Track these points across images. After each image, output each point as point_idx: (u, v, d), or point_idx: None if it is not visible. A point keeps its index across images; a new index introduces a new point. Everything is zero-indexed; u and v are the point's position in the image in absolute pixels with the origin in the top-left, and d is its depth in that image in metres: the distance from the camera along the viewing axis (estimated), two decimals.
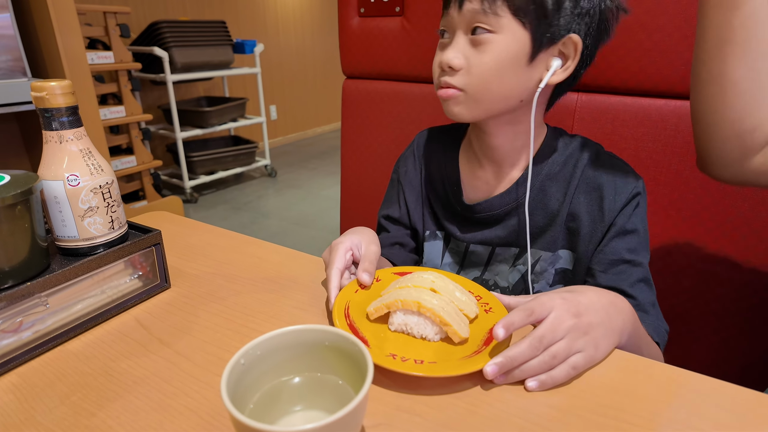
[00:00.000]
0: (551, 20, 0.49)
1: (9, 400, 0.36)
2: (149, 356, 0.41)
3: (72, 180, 0.42)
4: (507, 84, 0.51)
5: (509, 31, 0.49)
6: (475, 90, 0.51)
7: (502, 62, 0.50)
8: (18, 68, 1.39)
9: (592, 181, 0.57)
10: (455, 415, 0.34)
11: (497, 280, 0.63)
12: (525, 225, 0.57)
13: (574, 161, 0.58)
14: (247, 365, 0.29)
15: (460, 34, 0.51)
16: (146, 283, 0.49)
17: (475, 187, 0.62)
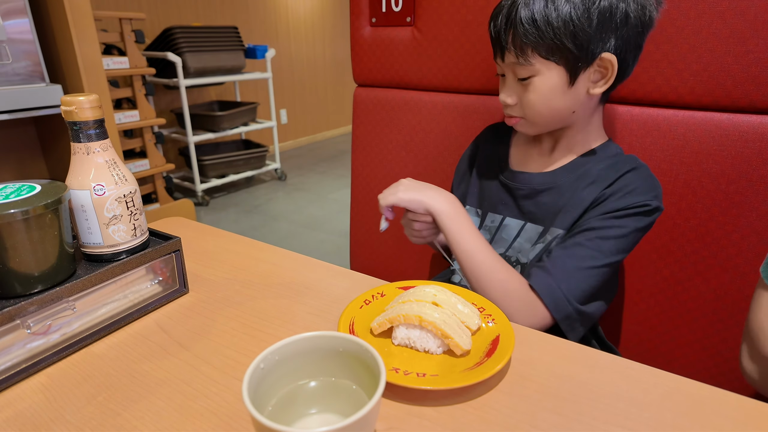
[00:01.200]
0: (578, 53, 0.57)
1: (39, 400, 0.38)
2: (170, 359, 0.42)
3: (98, 190, 0.45)
4: (555, 107, 0.61)
5: (546, 70, 0.58)
6: (531, 117, 0.63)
7: (546, 95, 0.60)
8: (36, 73, 1.43)
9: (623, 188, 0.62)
10: (465, 421, 0.35)
11: (519, 257, 0.70)
12: (556, 205, 0.65)
13: (617, 168, 0.64)
14: (266, 369, 0.31)
15: (509, 76, 0.63)
16: (166, 288, 0.51)
17: (524, 163, 0.72)
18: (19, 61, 1.39)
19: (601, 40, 0.56)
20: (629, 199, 0.61)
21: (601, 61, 0.58)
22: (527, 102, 0.61)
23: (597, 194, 0.64)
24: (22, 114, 1.39)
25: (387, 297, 0.48)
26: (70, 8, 1.46)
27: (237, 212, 2.80)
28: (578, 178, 0.66)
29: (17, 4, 1.33)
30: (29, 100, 1.41)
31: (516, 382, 0.39)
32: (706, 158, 0.72)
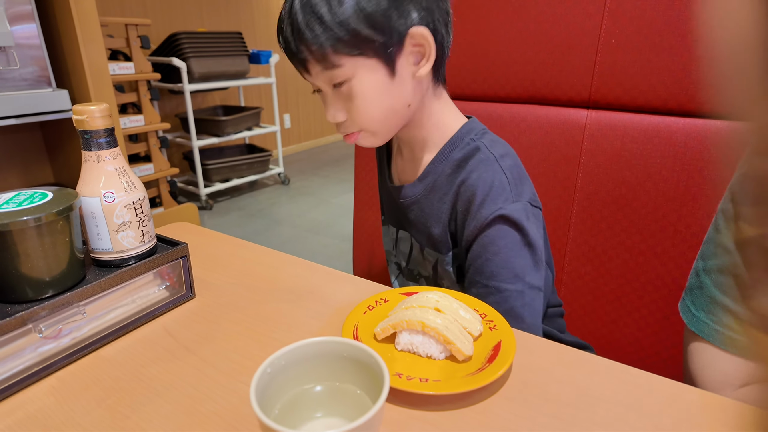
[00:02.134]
0: (384, 38, 0.50)
1: (50, 402, 0.39)
2: (177, 363, 0.43)
3: (108, 197, 0.46)
4: (387, 106, 0.54)
5: (359, 69, 0.51)
6: (367, 126, 0.55)
7: (371, 96, 0.52)
8: (43, 79, 1.45)
9: (469, 187, 0.55)
10: (467, 425, 0.36)
11: (419, 270, 0.67)
12: (419, 223, 0.61)
13: (464, 166, 0.57)
14: (272, 374, 0.32)
15: (326, 89, 0.55)
16: (173, 293, 0.52)
17: (400, 173, 0.67)
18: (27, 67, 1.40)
19: (401, 16, 0.50)
20: (480, 217, 0.54)
21: (411, 38, 0.51)
22: (356, 111, 0.53)
23: (449, 211, 0.58)
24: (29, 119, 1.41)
25: (390, 303, 0.49)
26: (77, 14, 1.47)
27: (240, 216, 2.82)
28: (430, 189, 0.60)
29: (25, 10, 1.34)
30: (36, 105, 1.43)
31: (517, 388, 0.40)
32: (706, 165, 0.73)
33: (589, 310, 0.87)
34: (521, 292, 0.54)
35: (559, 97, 0.84)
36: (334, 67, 0.51)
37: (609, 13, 0.76)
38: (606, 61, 0.78)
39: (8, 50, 1.35)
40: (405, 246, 0.68)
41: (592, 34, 0.78)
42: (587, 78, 0.80)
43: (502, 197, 0.54)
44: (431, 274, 0.65)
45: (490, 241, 0.54)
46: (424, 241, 0.63)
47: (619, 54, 0.76)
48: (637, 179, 0.79)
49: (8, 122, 1.33)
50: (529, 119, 0.87)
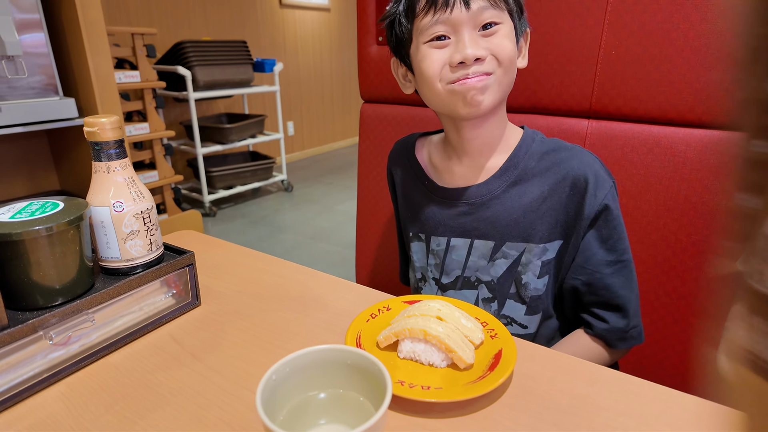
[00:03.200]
0: (521, 16, 0.60)
1: (59, 408, 0.40)
2: (183, 370, 0.44)
3: (117, 206, 0.47)
4: (513, 56, 0.58)
5: (507, 22, 0.57)
6: (502, 72, 0.57)
7: (510, 42, 0.57)
8: (51, 87, 1.47)
9: (577, 173, 0.60)
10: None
11: (478, 276, 0.66)
12: (501, 217, 0.62)
13: (552, 156, 0.62)
14: (277, 381, 0.33)
15: (466, 32, 0.55)
16: (179, 301, 0.53)
17: (458, 180, 0.66)
18: (34, 75, 1.42)
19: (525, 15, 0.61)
20: (599, 199, 0.60)
21: (526, 34, 0.62)
22: (501, 48, 0.55)
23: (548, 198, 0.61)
24: (37, 127, 1.42)
25: (393, 311, 0.50)
26: (84, 23, 1.50)
27: (244, 223, 2.83)
28: (515, 182, 0.62)
29: (33, 19, 1.37)
30: (43, 113, 1.44)
31: (517, 396, 0.40)
32: (706, 175, 0.74)
33: None
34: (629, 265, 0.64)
35: (561, 107, 0.85)
36: (498, 7, 0.55)
37: (609, 25, 0.77)
38: (606, 72, 0.79)
39: (16, 59, 1.37)
40: (459, 253, 0.67)
41: (592, 46, 0.79)
42: (588, 88, 0.81)
43: (607, 181, 0.61)
44: (494, 277, 0.65)
45: (612, 221, 0.60)
46: (504, 236, 0.63)
47: (619, 65, 0.77)
48: (637, 189, 0.79)
49: (16, 130, 1.35)
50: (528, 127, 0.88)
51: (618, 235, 0.62)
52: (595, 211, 0.60)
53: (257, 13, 3.72)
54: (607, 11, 0.76)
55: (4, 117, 1.32)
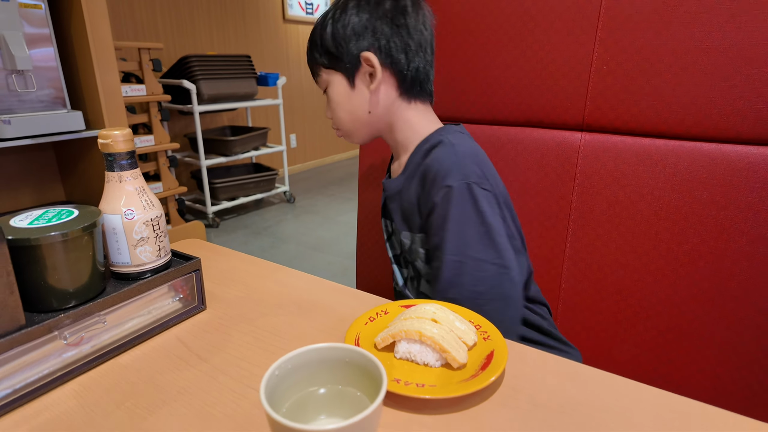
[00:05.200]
0: (344, 58, 0.68)
1: (72, 405, 0.42)
2: (190, 370, 0.46)
3: (128, 214, 0.49)
4: (349, 110, 0.71)
5: (332, 79, 0.70)
6: (338, 124, 0.74)
7: (337, 100, 0.71)
8: (59, 100, 1.50)
9: (429, 167, 0.66)
10: (460, 429, 0.38)
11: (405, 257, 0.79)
12: (397, 208, 0.73)
13: (429, 154, 0.67)
14: (280, 376, 0.35)
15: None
16: (185, 305, 0.55)
17: (393, 173, 0.79)
18: (43, 89, 1.46)
19: (357, 42, 0.66)
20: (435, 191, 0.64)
21: (365, 60, 0.67)
22: (331, 112, 0.73)
23: (417, 193, 0.68)
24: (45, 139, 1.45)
25: (390, 314, 0.52)
26: (93, 39, 1.53)
27: (246, 234, 2.86)
28: (407, 177, 0.71)
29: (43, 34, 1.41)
30: (51, 126, 1.47)
31: (508, 394, 0.42)
32: (697, 186, 0.76)
33: (586, 326, 0.89)
34: (460, 262, 0.61)
35: (555, 120, 0.87)
36: (318, 76, 0.72)
37: (600, 41, 0.80)
38: (598, 86, 0.81)
39: (26, 73, 1.40)
40: (396, 237, 0.79)
41: (584, 62, 0.82)
42: (581, 102, 0.84)
43: (453, 174, 0.63)
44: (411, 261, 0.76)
45: (441, 214, 0.63)
46: (399, 226, 0.74)
47: (610, 80, 0.80)
48: (630, 199, 0.82)
49: (24, 142, 1.38)
50: (526, 141, 0.91)
51: (448, 231, 0.62)
52: (429, 205, 0.65)
53: (261, 27, 3.79)
54: (598, 29, 0.79)
55: (14, 129, 1.34)
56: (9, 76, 1.32)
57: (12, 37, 1.29)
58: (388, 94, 0.70)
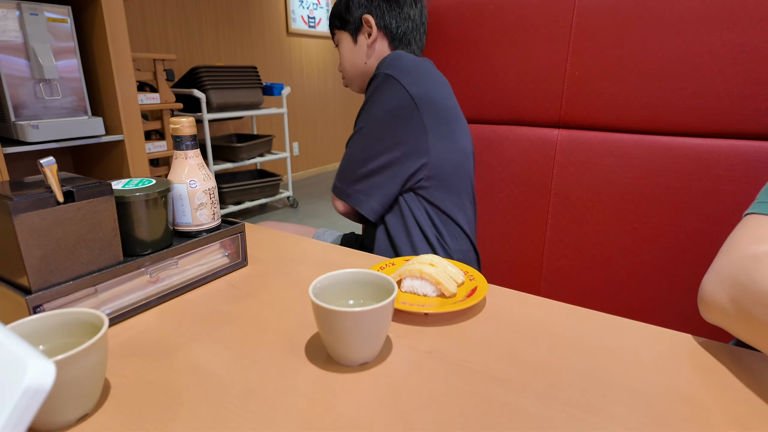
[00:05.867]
0: (347, 20, 0.96)
1: (154, 325, 0.54)
2: (242, 302, 0.59)
3: (192, 184, 0.62)
4: (351, 62, 1.00)
5: (342, 38, 1.00)
6: (345, 74, 1.04)
7: (345, 54, 1.00)
8: (81, 107, 1.63)
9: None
10: (451, 337, 0.51)
11: None
12: None
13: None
14: (320, 288, 0.48)
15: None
16: (232, 260, 0.68)
17: None
18: (67, 96, 1.59)
19: (357, 8, 0.94)
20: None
21: (366, 21, 0.94)
22: (341, 64, 1.02)
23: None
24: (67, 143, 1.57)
25: (396, 265, 0.65)
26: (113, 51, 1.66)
27: None
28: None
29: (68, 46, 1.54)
30: (74, 131, 1.59)
31: (489, 316, 0.55)
32: (656, 173, 0.90)
33: (565, 298, 1.02)
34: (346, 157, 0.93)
35: (535, 119, 1.01)
36: (334, 35, 1.01)
37: (572, 50, 0.94)
38: (572, 89, 0.96)
39: (52, 82, 1.53)
40: None
41: (560, 68, 0.96)
42: (557, 103, 0.98)
43: (384, 67, 0.87)
44: None
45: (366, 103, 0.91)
46: None
47: (582, 84, 0.94)
48: (600, 186, 0.95)
49: (50, 146, 1.50)
50: (511, 137, 1.05)
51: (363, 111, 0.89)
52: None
53: (266, 40, 3.95)
54: (571, 39, 0.94)
55: (41, 134, 1.45)
56: (37, 84, 1.43)
57: (41, 48, 1.41)
58: (381, 48, 0.96)
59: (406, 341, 0.50)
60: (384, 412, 0.40)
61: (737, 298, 0.42)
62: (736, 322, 0.43)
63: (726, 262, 0.45)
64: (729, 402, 0.41)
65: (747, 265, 0.42)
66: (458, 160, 0.91)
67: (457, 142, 0.90)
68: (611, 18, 0.89)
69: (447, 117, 0.88)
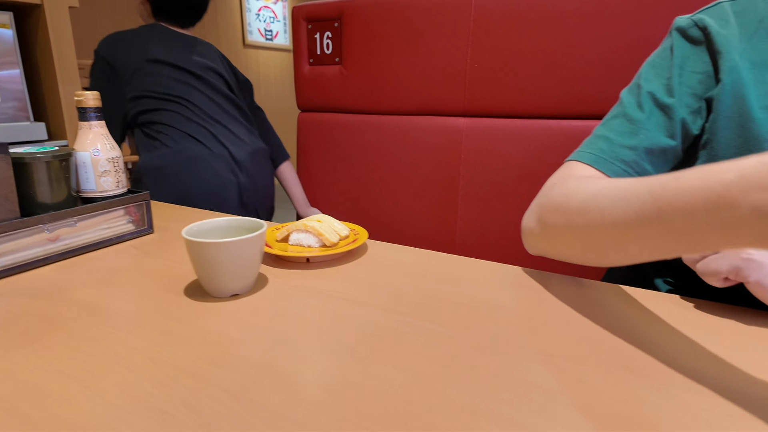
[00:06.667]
0: None
1: (54, 278, 0.58)
2: (139, 260, 0.64)
3: (95, 152, 0.67)
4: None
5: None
6: None
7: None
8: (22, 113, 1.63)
9: None
10: (332, 277, 0.57)
11: None
12: None
13: None
14: (196, 231, 0.53)
15: None
16: (137, 227, 0.73)
17: None
18: (7, 102, 1.59)
19: None
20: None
21: None
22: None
23: None
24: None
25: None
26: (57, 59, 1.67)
27: None
28: None
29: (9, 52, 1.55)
30: (15, 136, 1.59)
31: (366, 260, 0.62)
32: (546, 153, 1.00)
33: None
34: None
35: (444, 109, 1.10)
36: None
37: (472, 45, 1.04)
38: (473, 81, 1.05)
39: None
40: None
41: (462, 61, 1.05)
42: (461, 94, 1.07)
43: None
44: None
45: None
46: None
47: (482, 74, 1.04)
48: (501, 165, 1.05)
49: None
50: (424, 127, 1.13)
51: None
52: None
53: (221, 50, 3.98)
54: (470, 34, 1.04)
55: None
56: None
57: None
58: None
59: (284, 280, 0.56)
60: (255, 331, 0.45)
61: (540, 216, 0.51)
62: (541, 237, 0.51)
63: (536, 197, 0.54)
64: (531, 308, 0.48)
65: (546, 192, 0.51)
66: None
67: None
68: (505, 14, 1.00)
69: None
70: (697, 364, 0.39)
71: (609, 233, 0.40)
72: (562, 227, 0.47)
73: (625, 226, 0.38)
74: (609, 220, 0.40)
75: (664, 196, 0.34)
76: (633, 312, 0.49)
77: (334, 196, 1.29)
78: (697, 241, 0.33)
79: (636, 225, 0.37)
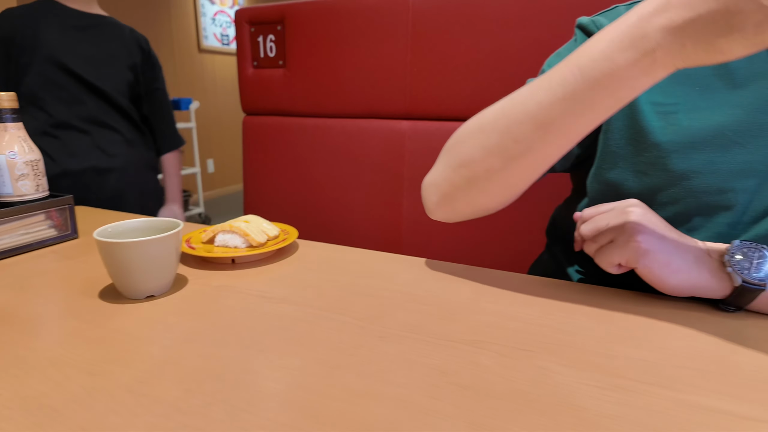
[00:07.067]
0: None
1: None
2: (57, 263, 0.62)
3: (11, 155, 0.65)
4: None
5: None
6: None
7: None
8: None
9: None
10: (259, 277, 0.57)
11: None
12: None
13: None
14: (110, 232, 0.52)
15: None
16: (60, 232, 0.70)
17: None
18: None
19: None
20: None
21: None
22: None
23: None
24: None
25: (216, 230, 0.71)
26: None
27: None
28: None
29: None
30: None
31: (297, 260, 0.62)
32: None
33: None
34: None
35: (387, 112, 1.12)
36: None
37: (411, 49, 1.06)
38: (414, 84, 1.07)
39: None
40: None
41: (402, 64, 1.08)
42: (404, 97, 1.09)
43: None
44: None
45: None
46: None
47: (422, 78, 1.06)
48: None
49: None
50: (369, 130, 1.15)
51: None
52: None
53: (175, 56, 3.91)
54: (409, 38, 1.06)
55: None
56: None
57: None
58: None
59: (205, 281, 0.56)
60: (164, 329, 0.45)
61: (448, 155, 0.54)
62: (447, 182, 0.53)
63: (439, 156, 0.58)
64: (445, 298, 0.50)
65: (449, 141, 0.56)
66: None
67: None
68: (442, 19, 1.02)
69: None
70: (576, 340, 0.42)
71: (532, 119, 0.43)
72: (475, 146, 0.49)
73: (551, 104, 0.42)
74: (533, 106, 0.43)
75: (582, 55, 0.40)
76: (538, 299, 0.51)
77: (280, 198, 1.28)
78: (623, 83, 0.37)
79: (561, 98, 0.41)
